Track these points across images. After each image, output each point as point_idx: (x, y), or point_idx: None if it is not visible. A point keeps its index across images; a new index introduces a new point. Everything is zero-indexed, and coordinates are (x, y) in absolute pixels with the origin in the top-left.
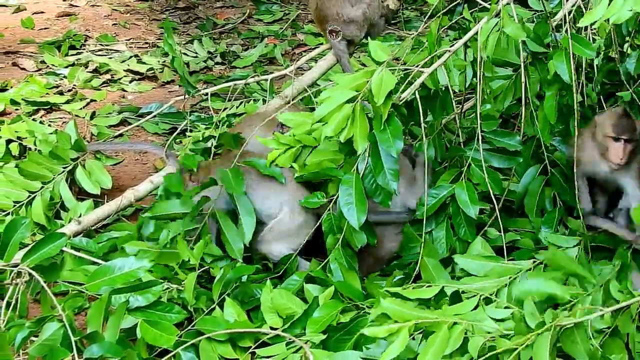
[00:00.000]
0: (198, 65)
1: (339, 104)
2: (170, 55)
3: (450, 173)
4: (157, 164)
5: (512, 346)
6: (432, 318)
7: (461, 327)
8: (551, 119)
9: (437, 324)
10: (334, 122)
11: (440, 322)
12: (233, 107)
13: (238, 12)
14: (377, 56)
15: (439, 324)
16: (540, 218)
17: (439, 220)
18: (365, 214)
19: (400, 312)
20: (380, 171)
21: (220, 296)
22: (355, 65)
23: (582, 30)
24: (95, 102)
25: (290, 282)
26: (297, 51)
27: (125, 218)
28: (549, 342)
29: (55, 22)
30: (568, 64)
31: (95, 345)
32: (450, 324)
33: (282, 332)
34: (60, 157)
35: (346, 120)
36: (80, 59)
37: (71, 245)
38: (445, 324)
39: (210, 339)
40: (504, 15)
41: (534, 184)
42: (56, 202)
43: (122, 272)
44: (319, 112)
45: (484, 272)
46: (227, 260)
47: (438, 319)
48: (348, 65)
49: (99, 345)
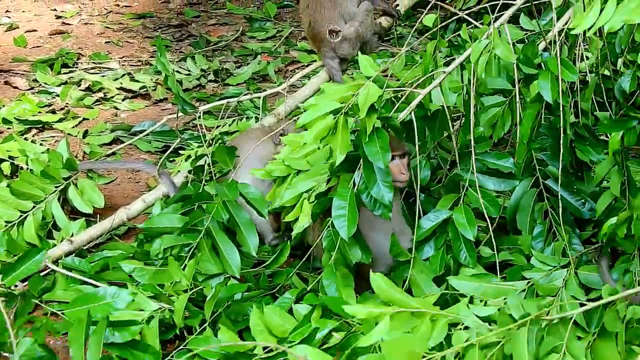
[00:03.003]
0: (191, 83)
1: (323, 113)
2: (164, 74)
3: (448, 198)
4: (149, 183)
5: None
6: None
7: (445, 319)
8: (525, 138)
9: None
10: (315, 131)
11: (425, 313)
12: (226, 124)
13: (231, 30)
14: (366, 71)
15: (423, 314)
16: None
17: (437, 245)
18: (356, 226)
19: (388, 292)
20: (374, 183)
21: (213, 315)
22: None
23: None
24: (88, 121)
25: (283, 301)
26: (290, 68)
27: (117, 237)
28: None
29: (48, 40)
30: (553, 84)
31: None
32: (434, 316)
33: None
34: (52, 177)
35: (327, 130)
36: (72, 77)
37: (63, 265)
38: (429, 315)
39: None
40: (494, 37)
41: (526, 199)
42: (48, 222)
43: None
44: (303, 119)
45: (478, 292)
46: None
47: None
48: (341, 82)
49: None
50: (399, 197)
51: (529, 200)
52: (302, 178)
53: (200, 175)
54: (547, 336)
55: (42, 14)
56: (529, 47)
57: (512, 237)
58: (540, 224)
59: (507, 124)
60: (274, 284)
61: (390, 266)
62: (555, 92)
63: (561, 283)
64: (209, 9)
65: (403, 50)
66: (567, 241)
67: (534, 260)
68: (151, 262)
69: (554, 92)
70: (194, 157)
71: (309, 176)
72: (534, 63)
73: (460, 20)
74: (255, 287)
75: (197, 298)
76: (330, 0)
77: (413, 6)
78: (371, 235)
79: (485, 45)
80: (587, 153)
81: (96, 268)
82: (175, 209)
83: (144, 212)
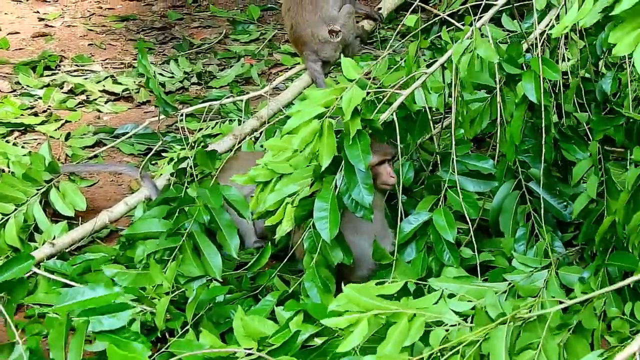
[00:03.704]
0: (174, 85)
1: (308, 118)
2: (146, 76)
3: (428, 200)
4: (132, 185)
5: (474, 338)
6: (392, 309)
7: (422, 318)
8: (516, 140)
9: (398, 315)
10: (301, 136)
11: (401, 313)
12: (209, 127)
13: (215, 32)
14: (348, 74)
15: (400, 315)
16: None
17: (419, 248)
18: (337, 228)
19: (362, 300)
20: (355, 186)
21: (194, 317)
22: (331, 85)
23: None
24: (70, 123)
25: (265, 303)
26: (273, 71)
27: (100, 240)
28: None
29: (31, 43)
30: (537, 84)
31: None
32: (411, 316)
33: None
34: (34, 179)
35: (313, 135)
36: (55, 79)
37: (45, 267)
38: (406, 315)
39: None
40: (476, 37)
41: (508, 201)
42: (30, 225)
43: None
44: (288, 126)
45: (460, 293)
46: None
47: (399, 310)
48: (323, 86)
49: None
50: (382, 201)
51: (512, 203)
52: (285, 182)
53: (183, 178)
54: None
55: (25, 17)
56: (513, 48)
57: (494, 239)
58: (522, 227)
59: (485, 121)
60: (256, 286)
61: (372, 270)
62: (539, 93)
63: (542, 284)
64: (193, 11)
65: (385, 53)
66: (549, 243)
67: (515, 262)
68: (133, 266)
69: (538, 93)
70: (177, 160)
71: (292, 180)
72: (518, 63)
73: (444, 23)
74: (237, 290)
75: (179, 301)
76: (311, 4)
77: (396, 9)
78: (354, 239)
79: (466, 45)
80: (572, 152)
81: (78, 271)
82: (158, 212)
83: (126, 214)
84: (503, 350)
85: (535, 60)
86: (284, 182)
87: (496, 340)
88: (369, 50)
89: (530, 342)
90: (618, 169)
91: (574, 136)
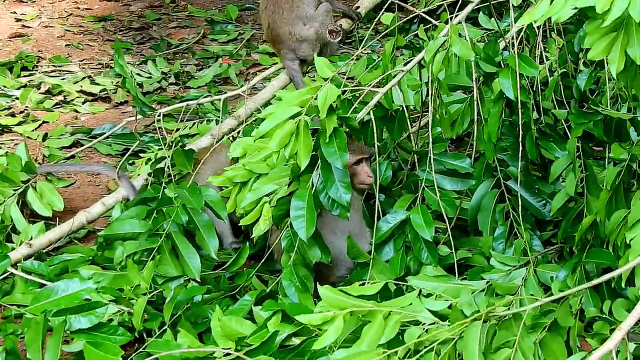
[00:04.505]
0: (152, 85)
1: (282, 119)
2: (122, 76)
3: (406, 199)
4: (109, 186)
5: (449, 336)
6: (367, 307)
7: (397, 317)
8: (493, 137)
9: (373, 314)
10: (278, 138)
11: (376, 312)
12: (186, 127)
13: (193, 32)
14: (322, 73)
15: (375, 313)
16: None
17: (397, 247)
18: (314, 226)
19: (338, 300)
20: (332, 184)
21: (172, 317)
22: (308, 84)
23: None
24: (48, 124)
25: (243, 303)
26: (251, 71)
27: (77, 240)
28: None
29: (7, 43)
30: (514, 82)
31: None
32: (386, 314)
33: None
34: (11, 180)
35: (289, 136)
36: (32, 80)
37: (22, 268)
38: (381, 313)
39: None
40: (452, 34)
41: (487, 200)
42: (7, 225)
43: (65, 294)
44: (262, 129)
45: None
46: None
47: (374, 308)
48: (301, 84)
49: None
50: (360, 201)
51: (490, 201)
52: (263, 182)
53: (160, 178)
54: (500, 331)
55: (1, 17)
56: (490, 46)
57: (472, 238)
58: (501, 225)
59: (466, 121)
60: (234, 286)
61: (351, 269)
62: (516, 89)
63: (520, 282)
64: (170, 11)
65: (360, 50)
66: (528, 241)
67: (494, 260)
68: (111, 267)
69: (515, 90)
70: (154, 160)
71: (269, 180)
72: (495, 61)
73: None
74: (215, 289)
75: (157, 301)
76: (287, 3)
77: (374, 8)
78: (332, 239)
79: (441, 43)
80: (551, 150)
81: (55, 271)
82: (135, 212)
83: (104, 215)
84: (476, 348)
85: (512, 57)
86: (262, 181)
87: (470, 337)
88: (347, 49)
89: (507, 340)
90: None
91: (553, 134)
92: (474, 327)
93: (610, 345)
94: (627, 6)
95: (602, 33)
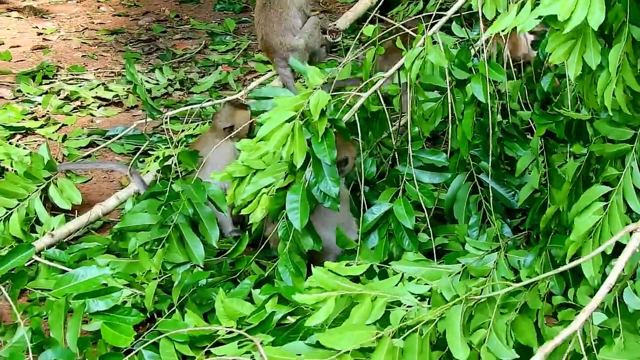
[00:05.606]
0: (159, 91)
1: (279, 123)
2: (133, 83)
3: (389, 192)
4: (122, 181)
5: (430, 318)
6: (357, 290)
7: (383, 299)
8: (468, 135)
9: (362, 296)
10: (275, 140)
11: (365, 294)
12: (190, 128)
13: (195, 43)
14: (313, 80)
15: (363, 296)
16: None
17: (381, 235)
18: (307, 218)
19: (329, 282)
20: (322, 179)
21: (180, 299)
22: (300, 89)
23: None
24: (67, 127)
25: (243, 286)
26: (248, 77)
27: (94, 230)
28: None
29: (30, 55)
30: (484, 86)
31: (49, 351)
32: (374, 297)
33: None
34: (35, 177)
35: (286, 138)
36: (52, 87)
37: (45, 256)
38: (369, 296)
39: (169, 339)
40: (428, 44)
41: (462, 192)
42: (31, 218)
43: (84, 280)
44: (262, 132)
45: (418, 275)
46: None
47: (363, 292)
48: (294, 89)
49: (53, 350)
50: (348, 194)
51: (465, 193)
52: (260, 176)
53: (168, 174)
54: (476, 314)
55: (25, 31)
56: (462, 52)
57: (449, 226)
58: (475, 214)
59: (437, 119)
60: (235, 271)
61: (339, 257)
62: (487, 93)
63: (493, 265)
64: (175, 25)
65: (346, 58)
66: (499, 228)
67: (468, 246)
68: (125, 255)
69: (485, 93)
70: (162, 158)
71: (266, 174)
72: (467, 67)
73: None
74: (218, 274)
75: (166, 285)
76: (276, 16)
77: (358, 20)
78: (322, 231)
79: (418, 52)
80: (514, 149)
81: (75, 259)
82: (146, 205)
83: (118, 207)
84: (459, 329)
85: (482, 64)
86: (260, 175)
87: (452, 318)
88: (334, 57)
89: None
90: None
91: (517, 135)
92: (455, 309)
93: (575, 326)
94: (585, 15)
95: (562, 40)
